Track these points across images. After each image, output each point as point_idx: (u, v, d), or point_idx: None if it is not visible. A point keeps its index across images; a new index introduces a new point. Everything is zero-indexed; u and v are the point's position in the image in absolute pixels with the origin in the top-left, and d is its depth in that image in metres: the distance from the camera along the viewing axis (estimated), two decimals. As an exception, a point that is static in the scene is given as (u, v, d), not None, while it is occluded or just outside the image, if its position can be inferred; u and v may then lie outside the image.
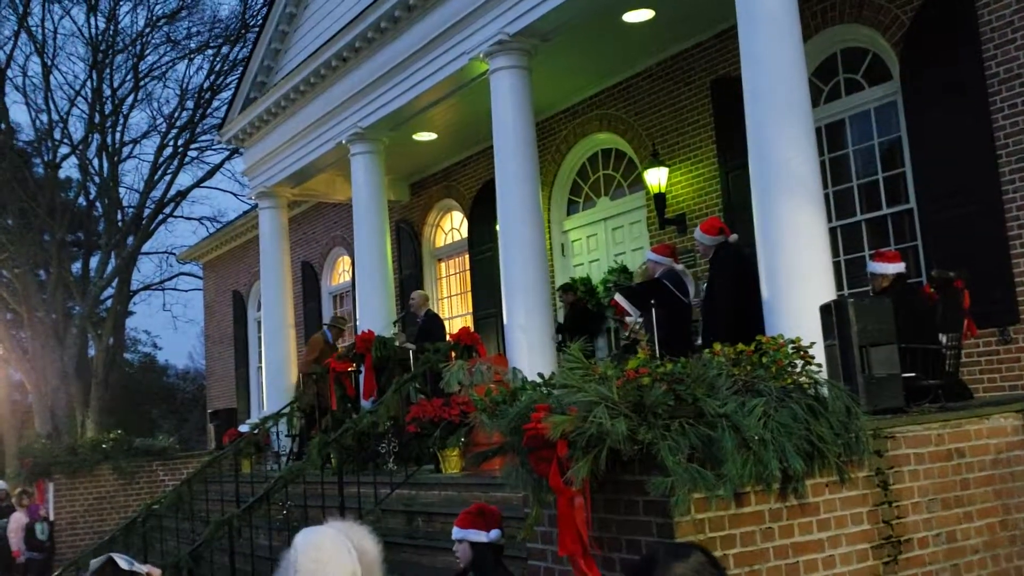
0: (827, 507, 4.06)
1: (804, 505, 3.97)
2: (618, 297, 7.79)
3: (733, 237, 7.49)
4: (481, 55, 9.26)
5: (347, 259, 16.75)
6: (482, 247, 13.20)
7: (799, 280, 6.41)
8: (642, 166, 10.69)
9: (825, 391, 4.09)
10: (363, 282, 11.30)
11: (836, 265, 8.26)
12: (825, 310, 5.02)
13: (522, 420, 3.91)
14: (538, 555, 4.24)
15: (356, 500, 8.01)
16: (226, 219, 27.55)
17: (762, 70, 6.66)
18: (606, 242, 11.53)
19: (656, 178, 10.26)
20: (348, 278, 16.65)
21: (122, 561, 3.37)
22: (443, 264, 14.58)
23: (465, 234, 13.79)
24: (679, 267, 8.11)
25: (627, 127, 11.02)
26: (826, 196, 8.22)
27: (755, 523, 3.82)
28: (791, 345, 4.45)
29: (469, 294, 13.36)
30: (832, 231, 8.38)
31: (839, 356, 4.81)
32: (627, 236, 11.26)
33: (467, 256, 13.66)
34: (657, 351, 7.07)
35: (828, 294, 6.43)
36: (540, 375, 4.34)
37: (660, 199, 10.28)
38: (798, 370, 4.35)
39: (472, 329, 10.61)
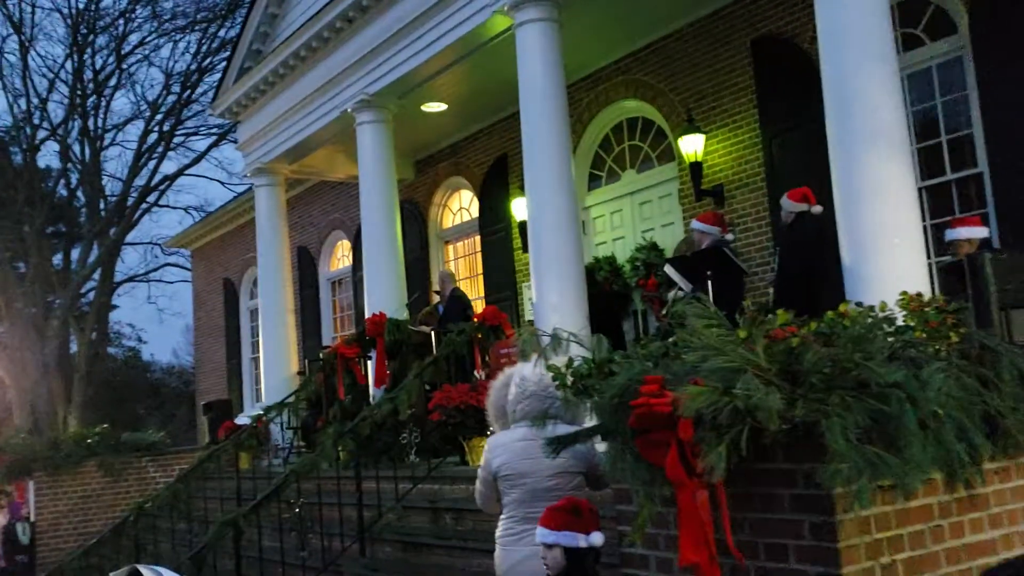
0: (997, 499, 3.30)
1: (973, 497, 3.21)
2: (668, 268, 7.02)
3: (816, 209, 6.76)
4: (506, 7, 8.45)
5: (346, 243, 15.91)
6: (494, 227, 12.39)
7: (886, 242, 5.65)
8: (674, 134, 9.92)
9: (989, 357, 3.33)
10: (372, 261, 10.47)
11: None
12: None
13: (628, 395, 3.12)
14: (637, 562, 3.46)
15: (373, 496, 7.22)
16: (212, 208, 26.59)
17: (841, 4, 5.88)
18: (632, 218, 10.74)
19: (692, 146, 9.48)
20: (348, 263, 15.83)
21: (148, 572, 2.79)
22: (451, 246, 13.75)
23: (475, 214, 12.97)
24: (729, 237, 7.36)
25: (656, 93, 10.23)
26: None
27: (923, 520, 3.05)
28: (934, 306, 3.70)
29: (480, 277, 12.54)
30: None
31: (973, 320, 4.05)
32: (656, 211, 10.47)
33: (478, 237, 12.85)
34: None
35: (919, 258, 5.69)
36: (633, 343, 3.55)
37: (696, 168, 9.49)
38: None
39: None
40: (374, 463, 7.66)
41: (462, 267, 13.60)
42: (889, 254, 5.63)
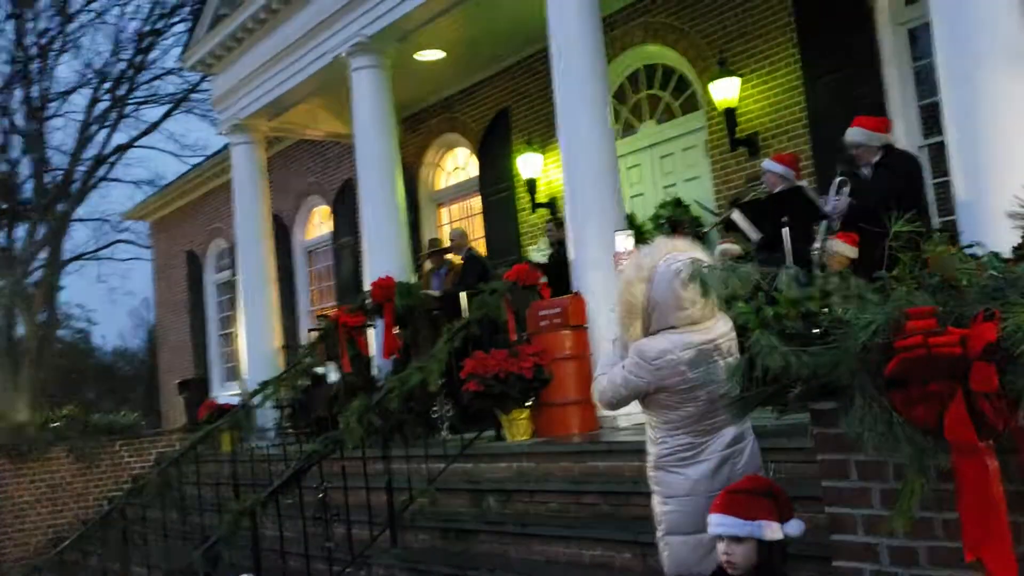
0: None
1: None
2: (736, 215, 6.25)
3: (891, 136, 6.03)
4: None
5: (324, 209, 14.93)
6: (496, 187, 11.54)
7: (1012, 174, 4.94)
8: (701, 80, 9.16)
9: None
10: (372, 220, 9.55)
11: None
12: None
13: (880, 336, 2.35)
14: (859, 553, 2.69)
15: (401, 478, 6.40)
16: (165, 182, 25.22)
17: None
18: (652, 173, 9.97)
19: (725, 91, 8.72)
20: (326, 230, 14.85)
21: None
22: (445, 209, 12.87)
23: (472, 173, 12.10)
24: (804, 183, 6.62)
25: (679, 36, 9.44)
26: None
27: None
28: None
29: (482, 240, 11.69)
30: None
31: None
32: (679, 164, 9.71)
33: (477, 198, 11.98)
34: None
35: (1051, 192, 5.00)
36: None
37: (730, 115, 8.74)
38: None
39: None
40: (387, 440, 6.82)
41: (457, 231, 12.72)
42: (1015, 187, 4.93)
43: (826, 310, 2.76)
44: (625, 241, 3.81)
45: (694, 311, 3.30)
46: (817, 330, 2.63)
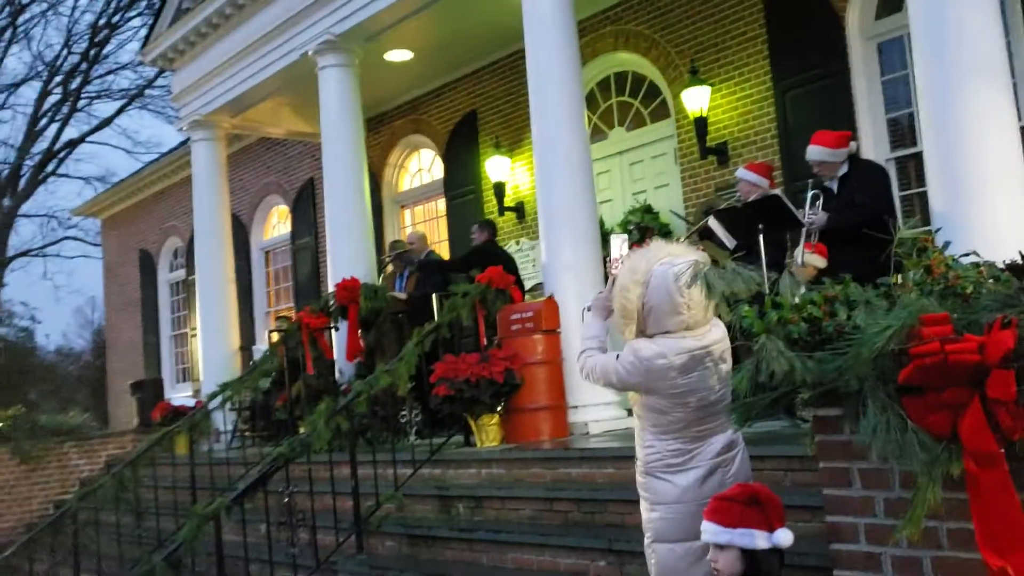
0: None
1: None
2: (712, 222, 6.23)
3: (854, 145, 6.03)
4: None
5: (282, 209, 14.70)
6: (461, 189, 11.44)
7: (988, 186, 5.01)
8: (672, 88, 9.19)
9: None
10: (336, 221, 9.40)
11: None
12: None
13: (895, 342, 2.31)
14: (859, 563, 2.65)
15: (368, 484, 6.25)
16: (116, 179, 24.63)
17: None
18: (621, 180, 9.96)
19: (696, 100, 8.74)
20: (285, 230, 14.63)
21: None
22: (408, 211, 12.73)
23: (437, 175, 11.99)
24: (779, 191, 6.62)
25: (651, 45, 9.45)
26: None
27: None
28: None
29: (446, 243, 11.59)
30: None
31: None
32: (649, 172, 9.71)
33: (441, 201, 11.88)
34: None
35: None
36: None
37: (700, 124, 8.76)
38: None
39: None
40: (351, 445, 6.66)
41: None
42: (991, 198, 5.00)
43: (831, 316, 2.72)
44: (622, 246, 3.73)
45: (689, 316, 3.25)
46: (823, 335, 2.59)
